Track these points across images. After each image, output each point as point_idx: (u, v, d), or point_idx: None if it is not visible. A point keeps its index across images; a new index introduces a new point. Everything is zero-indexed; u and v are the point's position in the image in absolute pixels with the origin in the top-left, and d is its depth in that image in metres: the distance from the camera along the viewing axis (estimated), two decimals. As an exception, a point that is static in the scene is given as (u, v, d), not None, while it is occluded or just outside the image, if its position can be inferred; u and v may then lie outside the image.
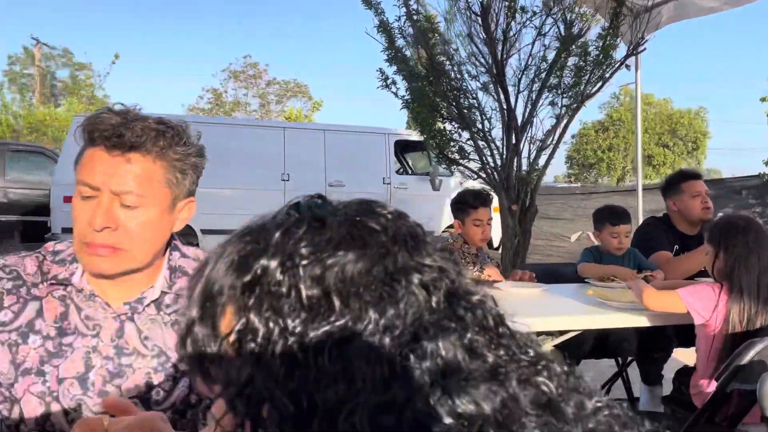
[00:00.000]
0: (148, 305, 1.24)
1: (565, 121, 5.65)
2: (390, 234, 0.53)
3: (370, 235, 0.52)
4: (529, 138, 5.69)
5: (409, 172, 10.29)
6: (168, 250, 1.31)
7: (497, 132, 5.83)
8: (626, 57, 5.49)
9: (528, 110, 5.62)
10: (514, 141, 5.63)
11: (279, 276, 0.49)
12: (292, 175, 8.86)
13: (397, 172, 9.78)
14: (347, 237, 0.51)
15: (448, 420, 0.46)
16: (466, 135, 5.92)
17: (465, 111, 5.79)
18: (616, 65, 5.49)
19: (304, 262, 0.49)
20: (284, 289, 0.48)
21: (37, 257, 1.26)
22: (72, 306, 1.21)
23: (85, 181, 1.15)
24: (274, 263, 0.50)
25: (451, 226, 9.24)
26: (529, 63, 5.58)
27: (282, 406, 0.46)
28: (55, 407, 1.16)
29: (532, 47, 5.55)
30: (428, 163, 9.73)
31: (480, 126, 5.83)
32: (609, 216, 3.33)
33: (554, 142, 5.70)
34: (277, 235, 0.51)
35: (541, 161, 5.73)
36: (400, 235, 0.53)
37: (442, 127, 6.02)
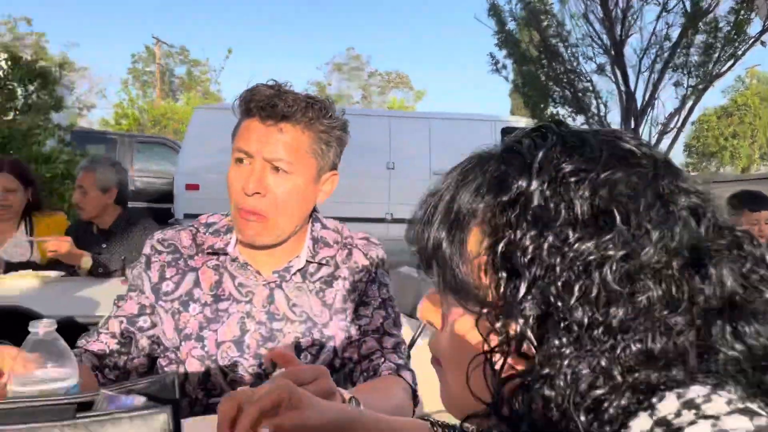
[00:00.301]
0: (294, 274, 1.30)
1: (690, 103, 5.30)
2: (650, 157, 0.51)
3: (632, 156, 0.51)
4: (649, 122, 5.41)
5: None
6: (310, 221, 1.36)
7: (614, 116, 5.60)
8: (762, 33, 5.06)
9: (649, 92, 5.33)
10: (632, 125, 5.38)
11: (545, 193, 0.49)
12: (397, 163, 8.91)
13: (504, 159, 9.60)
14: (611, 157, 0.50)
15: (738, 346, 0.45)
16: (580, 119, 5.73)
17: (579, 94, 5.59)
18: (750, 41, 5.07)
19: (573, 179, 0.49)
20: (552, 206, 0.48)
21: (191, 230, 1.34)
22: (226, 274, 1.29)
23: (240, 148, 1.23)
24: (536, 182, 0.49)
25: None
26: (651, 42, 5.28)
27: (560, 322, 0.46)
28: (214, 368, 1.24)
29: (656, 25, 5.25)
30: (536, 151, 9.48)
31: (595, 110, 5.61)
32: (748, 201, 3.09)
33: (678, 125, 5.38)
34: (539, 154, 0.51)
35: (663, 146, 5.43)
36: (659, 160, 0.52)
37: (554, 112, 5.85)
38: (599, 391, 0.45)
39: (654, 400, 0.44)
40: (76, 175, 5.37)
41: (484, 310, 0.51)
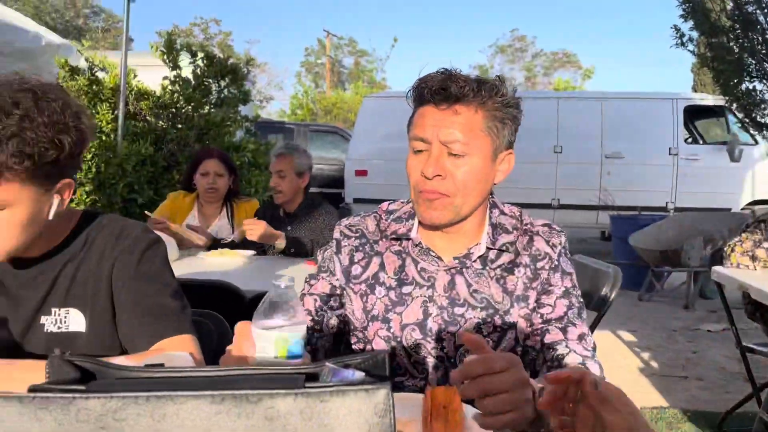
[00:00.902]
0: (474, 260, 1.30)
1: None
2: None
3: None
4: None
5: (700, 141, 9.17)
6: (488, 208, 1.36)
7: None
8: None
9: None
10: None
11: None
12: (565, 146, 8.55)
13: (686, 141, 8.78)
14: None
15: None
16: (782, 94, 5.07)
17: (782, 66, 4.94)
18: None
19: None
20: None
21: (375, 216, 1.41)
22: (408, 259, 1.33)
23: (417, 136, 1.26)
24: None
25: (754, 203, 8.04)
26: None
27: None
28: (399, 349, 1.29)
29: None
30: (725, 131, 8.55)
31: (801, 83, 4.93)
32: None
33: None
34: None
35: None
36: None
37: (750, 87, 5.24)
38: None
39: None
40: (261, 163, 5.89)
41: None
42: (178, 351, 1.12)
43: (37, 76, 1.12)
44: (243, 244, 3.06)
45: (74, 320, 1.21)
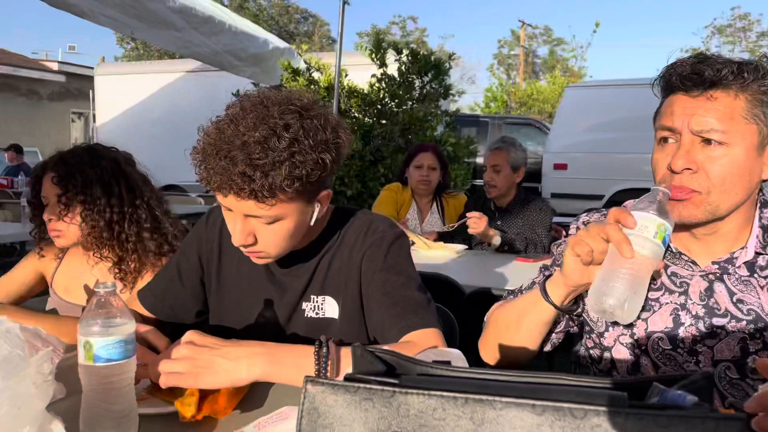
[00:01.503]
0: (738, 266, 1.15)
1: None
2: None
3: None
4: None
5: None
6: (758, 206, 1.19)
7: None
8: None
9: None
10: None
11: None
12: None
13: None
14: None
15: None
16: None
17: None
18: None
19: None
20: None
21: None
22: None
23: (664, 125, 1.14)
24: None
25: None
26: None
27: None
28: (644, 359, 1.18)
29: None
30: None
31: None
32: None
33: None
34: None
35: None
36: None
37: None
38: None
39: None
40: (460, 157, 5.92)
41: None
42: (427, 344, 1.14)
43: (299, 91, 1.21)
44: (452, 237, 3.09)
45: (329, 307, 1.30)
